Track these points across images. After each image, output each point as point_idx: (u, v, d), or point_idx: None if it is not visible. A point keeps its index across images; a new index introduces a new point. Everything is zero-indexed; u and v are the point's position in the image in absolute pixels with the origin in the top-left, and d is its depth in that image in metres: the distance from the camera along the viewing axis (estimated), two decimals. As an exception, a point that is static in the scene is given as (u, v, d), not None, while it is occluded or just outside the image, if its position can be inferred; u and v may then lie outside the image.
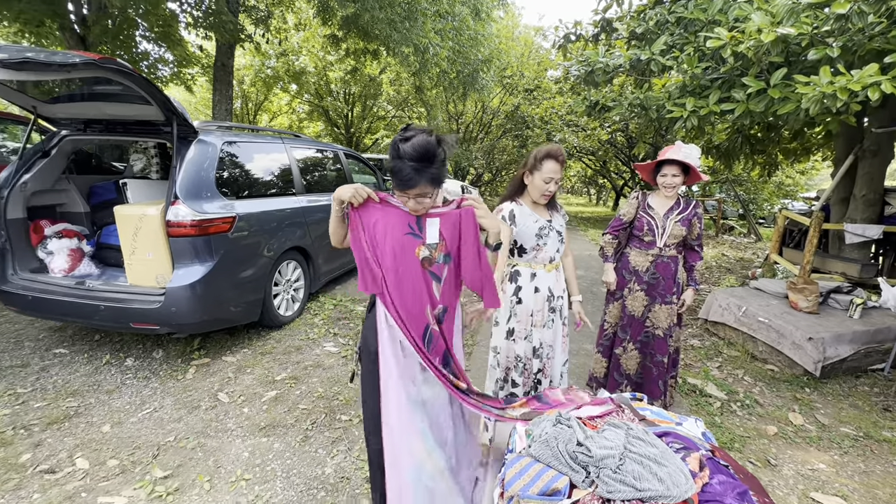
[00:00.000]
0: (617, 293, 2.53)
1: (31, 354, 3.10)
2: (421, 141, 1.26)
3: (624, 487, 1.03)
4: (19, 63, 1.89)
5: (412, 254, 1.41)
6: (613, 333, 2.57)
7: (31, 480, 1.96)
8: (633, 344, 2.48)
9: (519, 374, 2.09)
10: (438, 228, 1.43)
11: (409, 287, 1.42)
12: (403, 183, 1.29)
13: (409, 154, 1.26)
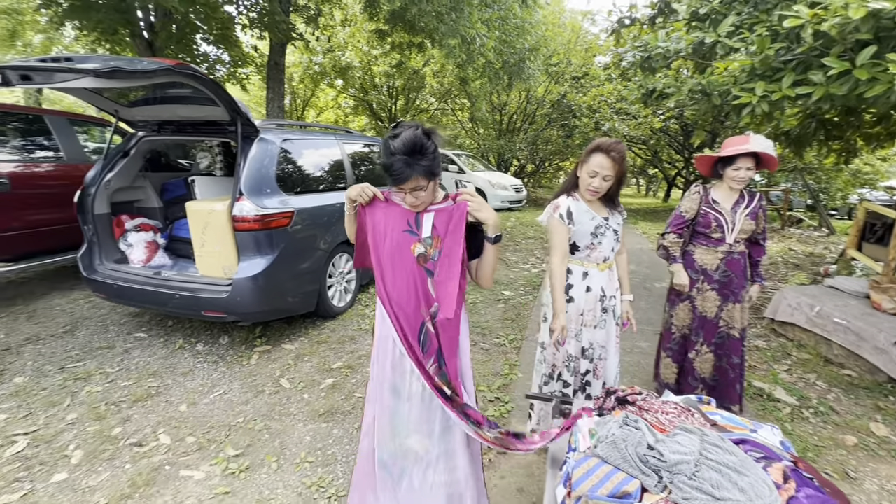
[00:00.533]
0: (682, 294, 2.41)
1: (116, 337, 3.40)
2: (409, 135, 1.27)
3: (701, 495, 1.00)
4: (109, 72, 2.06)
5: (408, 251, 1.42)
6: (683, 336, 2.44)
7: (122, 452, 2.17)
8: (707, 346, 2.36)
9: (571, 373, 2.05)
10: (432, 223, 1.42)
11: (403, 284, 1.42)
12: (397, 178, 1.29)
13: (398, 149, 1.26)
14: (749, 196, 2.30)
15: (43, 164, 4.13)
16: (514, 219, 10.10)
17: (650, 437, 1.17)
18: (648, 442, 1.15)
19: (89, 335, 3.42)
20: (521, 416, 2.53)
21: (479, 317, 4.04)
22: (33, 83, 2.19)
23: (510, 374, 3.01)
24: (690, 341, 2.40)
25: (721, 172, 2.27)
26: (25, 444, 2.19)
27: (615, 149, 1.83)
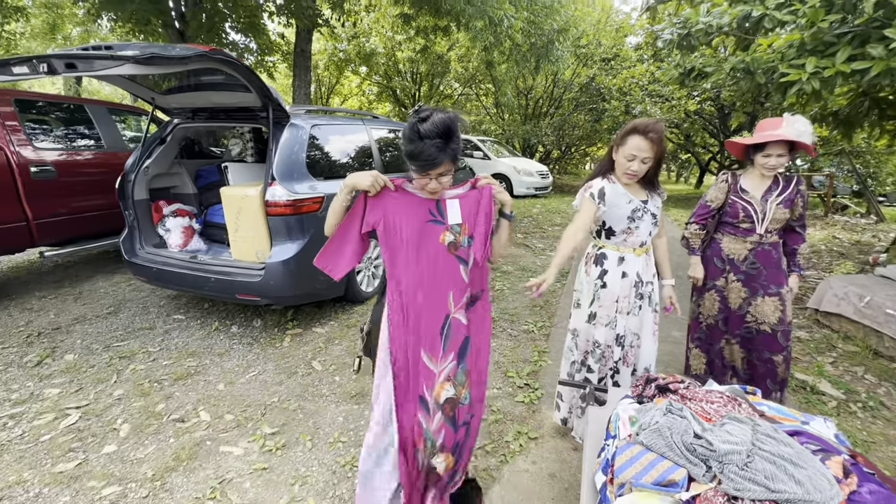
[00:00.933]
0: (709, 283, 2.28)
1: (156, 319, 3.54)
2: (441, 118, 1.22)
3: (755, 486, 0.96)
4: (148, 58, 2.10)
5: (437, 241, 1.38)
6: (709, 326, 2.34)
7: (166, 427, 2.26)
8: (734, 339, 2.27)
9: (595, 360, 1.99)
10: (459, 210, 1.40)
11: (431, 276, 1.38)
12: (427, 163, 1.24)
13: (430, 132, 1.21)
14: (784, 182, 2.13)
15: (85, 152, 4.29)
16: (540, 205, 9.95)
17: (696, 426, 1.13)
18: (695, 430, 1.11)
19: (132, 316, 3.58)
20: (550, 403, 2.50)
21: (507, 304, 4.01)
22: (77, 71, 2.25)
23: (539, 360, 2.98)
24: (718, 331, 2.30)
25: (752, 159, 2.11)
26: (78, 416, 2.32)
27: (653, 129, 1.74)
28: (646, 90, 11.52)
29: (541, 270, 5.05)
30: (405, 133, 1.27)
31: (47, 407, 2.39)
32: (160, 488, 1.87)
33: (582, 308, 2.03)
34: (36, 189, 3.77)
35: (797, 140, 1.93)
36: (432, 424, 1.42)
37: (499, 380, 2.76)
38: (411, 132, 1.25)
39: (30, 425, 2.24)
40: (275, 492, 1.87)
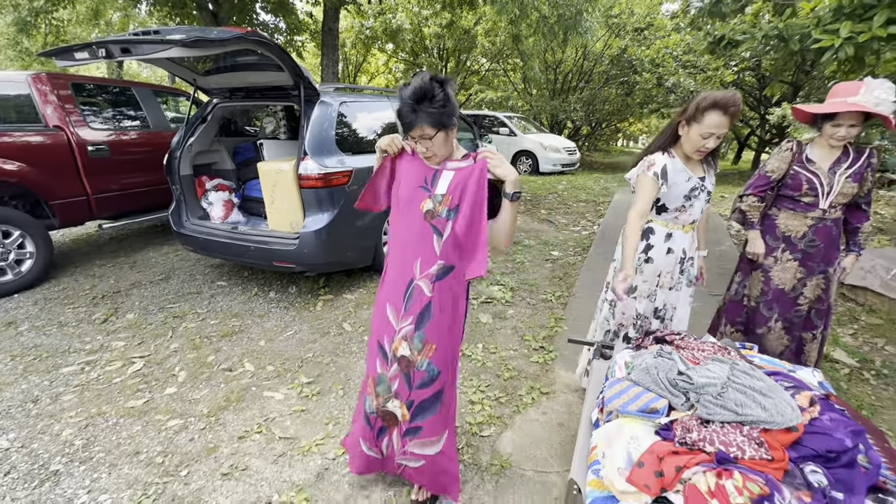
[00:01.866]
0: (757, 263, 2.17)
1: (202, 285, 3.88)
2: (418, 82, 1.27)
3: (724, 412, 1.09)
4: (193, 41, 2.30)
5: (417, 206, 1.43)
6: (752, 310, 2.22)
7: (216, 375, 2.56)
8: (781, 323, 2.13)
9: (636, 331, 1.97)
10: (450, 181, 1.40)
11: (406, 239, 1.46)
12: (404, 125, 1.33)
13: (407, 95, 1.28)
14: (856, 153, 1.95)
15: (134, 131, 4.62)
16: (566, 182, 9.87)
17: (681, 365, 1.26)
18: (679, 369, 1.25)
19: (181, 282, 3.92)
20: (563, 364, 2.66)
21: (527, 275, 4.14)
22: (131, 55, 2.49)
23: (555, 326, 3.12)
24: (761, 315, 2.17)
25: (820, 126, 1.95)
26: (142, 364, 2.65)
27: (734, 104, 1.62)
28: (679, 61, 11.05)
29: (563, 244, 5.13)
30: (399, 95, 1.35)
31: (116, 356, 2.73)
32: (215, 422, 2.16)
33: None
34: (93, 166, 4.12)
35: (874, 111, 1.74)
36: (388, 371, 1.52)
37: (516, 342, 2.93)
38: (398, 95, 1.33)
39: (103, 370, 2.58)
40: (312, 429, 2.12)
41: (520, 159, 11.14)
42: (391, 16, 14.18)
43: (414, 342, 1.47)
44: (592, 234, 5.59)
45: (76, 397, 2.33)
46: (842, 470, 0.98)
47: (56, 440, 2.03)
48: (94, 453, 1.96)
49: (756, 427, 1.05)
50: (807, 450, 1.01)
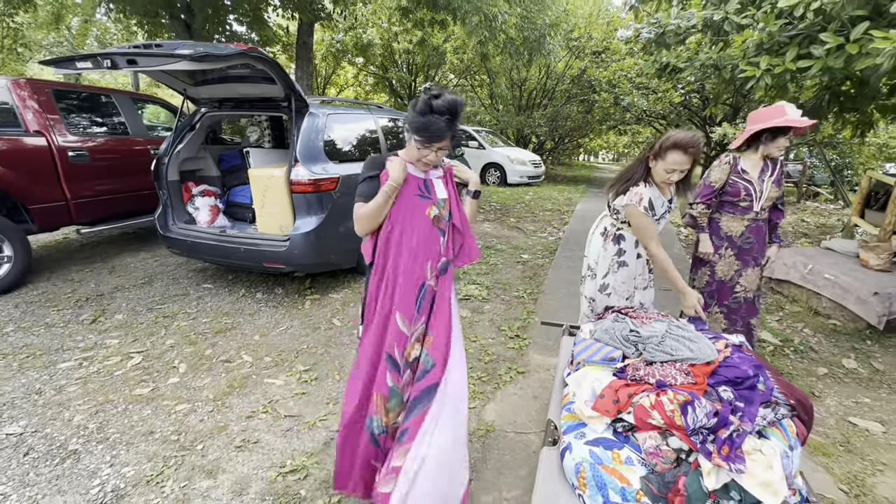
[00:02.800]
0: (706, 260, 2.50)
1: (188, 287, 3.97)
2: (452, 98, 1.39)
3: (662, 354, 1.44)
4: (202, 56, 2.51)
5: (423, 214, 1.51)
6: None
7: (216, 366, 2.72)
8: (718, 308, 2.49)
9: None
10: (444, 187, 1.59)
11: (415, 246, 1.50)
12: (435, 136, 1.39)
13: (441, 108, 1.37)
14: (772, 163, 2.36)
15: (113, 137, 4.67)
16: (533, 193, 10.41)
17: (632, 325, 1.61)
18: (630, 327, 1.59)
19: (165, 286, 4.00)
20: (536, 348, 2.99)
21: (500, 275, 4.48)
22: (137, 66, 2.66)
23: (528, 318, 3.46)
24: (705, 304, 2.47)
25: (763, 144, 2.29)
26: (140, 358, 2.76)
27: (693, 145, 1.83)
28: (633, 82, 11.96)
29: (532, 248, 5.52)
30: (416, 107, 1.40)
31: (112, 352, 2.83)
32: (221, 405, 2.33)
33: (597, 279, 2.20)
34: (73, 171, 4.15)
35: (806, 124, 2.14)
36: (401, 381, 1.52)
37: (493, 332, 3.23)
38: (424, 106, 1.38)
39: (102, 364, 2.68)
40: (314, 408, 2.33)
41: (489, 171, 11.63)
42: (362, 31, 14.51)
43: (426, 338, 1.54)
44: (558, 240, 6.03)
45: (80, 388, 2.44)
46: (745, 391, 1.33)
47: (69, 425, 2.14)
48: (109, 434, 2.09)
49: (685, 363, 1.40)
50: (721, 377, 1.36)
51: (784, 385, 1.44)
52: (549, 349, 2.97)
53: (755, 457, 1.12)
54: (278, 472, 1.89)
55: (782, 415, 1.28)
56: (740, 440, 1.15)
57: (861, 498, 1.82)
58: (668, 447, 1.21)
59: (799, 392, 1.42)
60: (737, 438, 1.15)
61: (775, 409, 1.31)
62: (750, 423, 1.21)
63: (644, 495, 1.15)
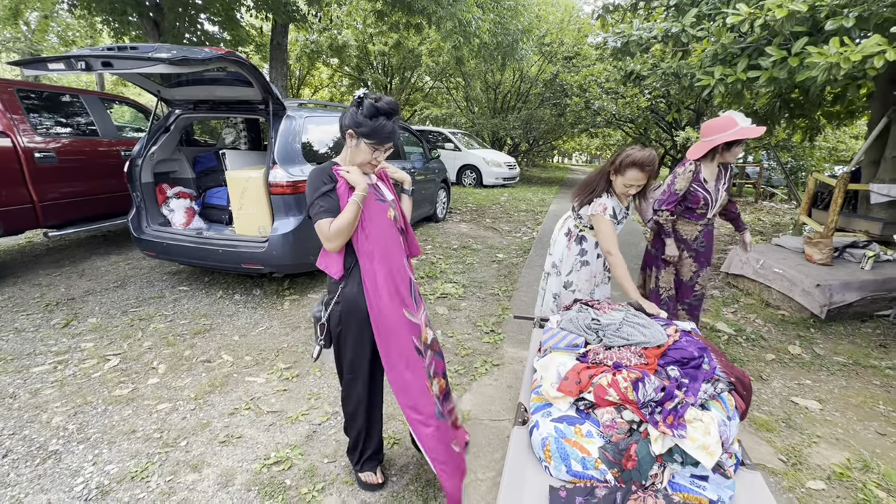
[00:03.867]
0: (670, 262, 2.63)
1: (163, 289, 3.94)
2: (391, 99, 1.48)
3: (620, 339, 1.59)
4: (180, 60, 2.54)
5: (385, 217, 1.57)
6: (670, 297, 2.71)
7: (196, 366, 2.74)
8: (680, 305, 2.70)
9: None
10: (387, 189, 1.68)
11: (390, 248, 1.57)
12: (387, 136, 1.49)
13: (387, 110, 1.45)
14: (724, 170, 2.49)
15: (82, 139, 4.57)
16: (508, 194, 10.63)
17: (594, 314, 1.76)
18: (592, 316, 1.74)
19: (139, 289, 3.96)
20: (510, 343, 3.13)
21: (476, 274, 4.62)
22: (113, 69, 2.66)
23: (503, 314, 3.61)
24: (673, 302, 2.70)
25: (719, 154, 2.39)
26: (118, 361, 2.76)
27: (650, 164, 2.04)
28: (603, 87, 12.37)
29: (507, 248, 5.69)
30: (362, 112, 1.45)
31: (88, 355, 2.82)
32: (203, 403, 2.37)
33: (562, 276, 2.38)
34: (40, 173, 4.06)
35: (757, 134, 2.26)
36: (425, 361, 1.63)
37: (469, 328, 3.36)
38: (371, 110, 1.44)
39: (78, 367, 2.67)
40: (296, 403, 2.40)
41: (465, 173, 11.79)
42: (337, 32, 14.47)
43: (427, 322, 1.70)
44: (532, 239, 6.23)
45: (56, 391, 2.43)
46: (691, 369, 1.50)
47: (47, 426, 2.14)
48: (90, 434, 2.11)
49: (639, 346, 1.55)
50: (669, 358, 1.52)
51: (726, 364, 1.61)
52: (522, 342, 3.12)
53: (696, 424, 1.28)
54: (263, 463, 1.96)
55: (721, 389, 1.45)
56: (683, 410, 1.30)
57: (797, 466, 2.03)
58: (623, 419, 1.35)
59: (738, 370, 1.60)
60: (680, 409, 1.31)
61: (715, 385, 1.47)
62: (693, 396, 1.37)
63: (601, 463, 1.29)
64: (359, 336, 1.62)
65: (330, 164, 1.56)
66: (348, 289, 1.57)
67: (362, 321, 1.57)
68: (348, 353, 1.67)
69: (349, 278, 1.57)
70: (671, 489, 1.25)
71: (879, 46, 2.67)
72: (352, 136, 1.50)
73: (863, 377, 2.81)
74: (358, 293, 1.55)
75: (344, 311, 1.59)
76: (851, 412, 2.45)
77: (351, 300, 1.57)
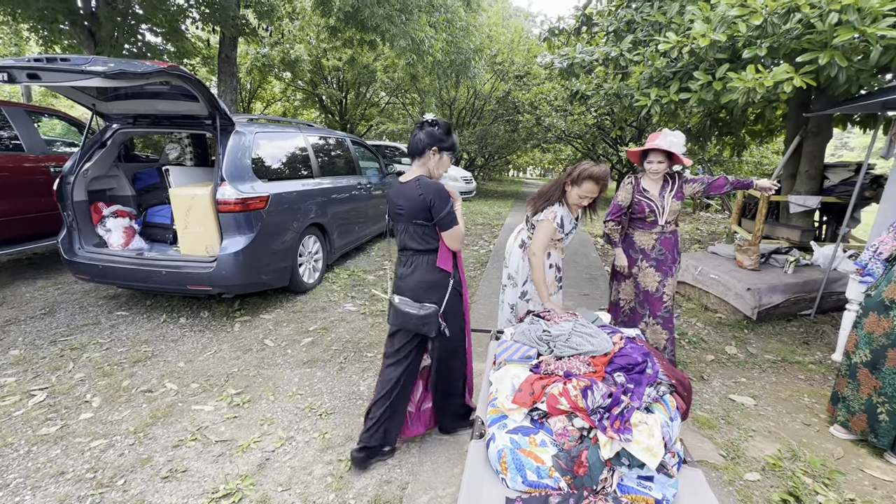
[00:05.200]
0: (626, 272, 2.73)
1: (99, 316, 3.67)
2: (446, 121, 1.96)
3: (569, 349, 1.65)
4: (116, 74, 2.42)
5: None
6: (632, 309, 2.79)
7: (136, 397, 2.56)
8: (654, 319, 2.69)
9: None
10: None
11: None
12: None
13: (451, 128, 1.94)
14: (672, 180, 2.61)
15: (4, 154, 4.21)
16: (465, 207, 10.79)
17: (545, 325, 1.82)
18: (543, 328, 1.80)
19: (70, 315, 3.66)
20: (469, 356, 3.15)
21: (434, 288, 4.63)
22: (40, 81, 2.49)
23: (461, 328, 3.63)
24: (637, 313, 2.73)
25: (646, 163, 2.58)
26: (44, 396, 2.52)
27: (604, 178, 2.23)
28: (553, 105, 12.94)
29: (465, 262, 5.75)
30: (440, 131, 1.90)
31: (9, 391, 2.56)
32: (144, 437, 2.21)
33: (518, 287, 2.46)
34: (-47, 192, 3.70)
35: (669, 149, 2.43)
36: None
37: (428, 343, 3.35)
38: (447, 128, 1.92)
39: (-4, 406, 2.42)
40: (247, 430, 2.29)
41: (422, 187, 11.86)
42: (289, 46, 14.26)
43: None
44: (489, 252, 6.34)
45: (-31, 434, 2.18)
46: (635, 374, 1.58)
47: (-42, 475, 1.92)
48: (9, 480, 1.91)
49: (587, 355, 1.62)
50: (616, 365, 1.60)
51: (667, 368, 1.71)
52: (480, 355, 3.14)
53: (640, 427, 1.35)
54: (210, 498, 1.85)
55: (663, 392, 1.54)
56: (629, 415, 1.37)
57: (736, 460, 2.17)
58: (573, 427, 1.40)
59: (679, 373, 1.71)
60: (626, 413, 1.38)
61: (658, 388, 1.56)
62: (638, 400, 1.44)
63: (555, 471, 1.33)
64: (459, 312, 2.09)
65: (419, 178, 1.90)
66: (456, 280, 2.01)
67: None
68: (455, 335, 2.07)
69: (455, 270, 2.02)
70: (620, 491, 1.30)
71: (788, 74, 2.99)
72: (436, 152, 1.90)
73: (790, 372, 3.06)
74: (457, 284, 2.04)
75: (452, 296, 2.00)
76: (781, 406, 2.66)
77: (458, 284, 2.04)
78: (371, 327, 3.60)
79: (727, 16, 3.05)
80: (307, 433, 2.29)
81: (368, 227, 5.78)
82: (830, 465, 2.14)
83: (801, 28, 3.02)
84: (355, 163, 5.53)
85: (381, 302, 4.16)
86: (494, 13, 15.38)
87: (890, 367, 2.09)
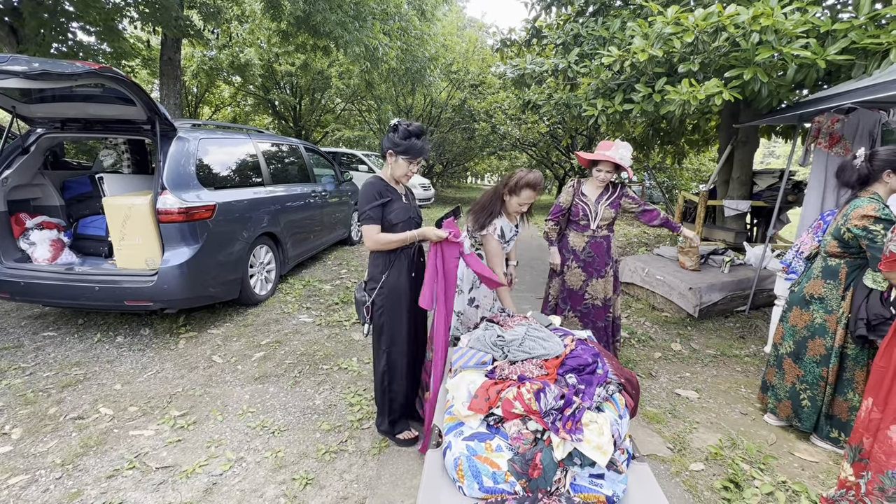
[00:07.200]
0: (557, 270, 2.89)
1: (21, 338, 3.34)
2: (418, 124, 1.99)
3: (522, 353, 1.68)
4: (38, 74, 2.23)
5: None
6: (555, 304, 2.96)
7: (64, 425, 2.35)
8: (573, 313, 2.87)
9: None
10: None
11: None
12: (418, 152, 1.99)
13: (416, 132, 1.96)
14: (613, 189, 2.73)
15: None
16: (424, 215, 10.80)
17: (499, 330, 1.84)
18: (497, 333, 1.82)
19: (-13, 338, 3.31)
20: (428, 363, 3.13)
21: (393, 296, 4.58)
22: (-51, 81, 2.25)
23: (420, 335, 3.61)
24: (559, 308, 2.91)
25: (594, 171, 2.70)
26: (-47, 430, 2.26)
27: (540, 183, 2.32)
28: (507, 114, 13.27)
29: (423, 269, 5.74)
30: (398, 135, 1.94)
31: None
32: (73, 469, 2.03)
33: (464, 294, 2.52)
34: None
35: (619, 162, 2.59)
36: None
37: (386, 353, 3.30)
38: (405, 133, 1.95)
39: None
40: (192, 454, 2.16)
41: (380, 195, 11.74)
42: (239, 50, 13.78)
43: None
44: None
45: None
46: (587, 375, 1.63)
47: None
48: None
49: (540, 359, 1.66)
50: (567, 367, 1.64)
51: (616, 367, 1.78)
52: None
53: (591, 427, 1.39)
54: (150, 530, 1.72)
55: (612, 391, 1.59)
56: (580, 415, 1.41)
57: (682, 451, 2.28)
58: (528, 430, 1.42)
59: (627, 372, 1.77)
60: (578, 414, 1.41)
61: (607, 388, 1.62)
62: (589, 400, 1.49)
63: (511, 475, 1.34)
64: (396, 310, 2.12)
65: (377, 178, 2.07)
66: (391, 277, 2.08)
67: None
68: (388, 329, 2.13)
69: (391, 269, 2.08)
70: (573, 491, 1.33)
71: (718, 88, 3.23)
72: (391, 155, 2.00)
73: (728, 366, 3.27)
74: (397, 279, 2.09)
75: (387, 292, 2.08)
76: (721, 398, 2.83)
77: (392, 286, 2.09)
78: (327, 338, 3.51)
79: (663, 33, 3.26)
80: (258, 453, 2.19)
81: (324, 235, 5.65)
82: (765, 451, 2.29)
83: (727, 46, 3.27)
84: (309, 170, 5.40)
85: (337, 312, 4.07)
86: (449, 23, 15.60)
87: (810, 356, 2.28)
